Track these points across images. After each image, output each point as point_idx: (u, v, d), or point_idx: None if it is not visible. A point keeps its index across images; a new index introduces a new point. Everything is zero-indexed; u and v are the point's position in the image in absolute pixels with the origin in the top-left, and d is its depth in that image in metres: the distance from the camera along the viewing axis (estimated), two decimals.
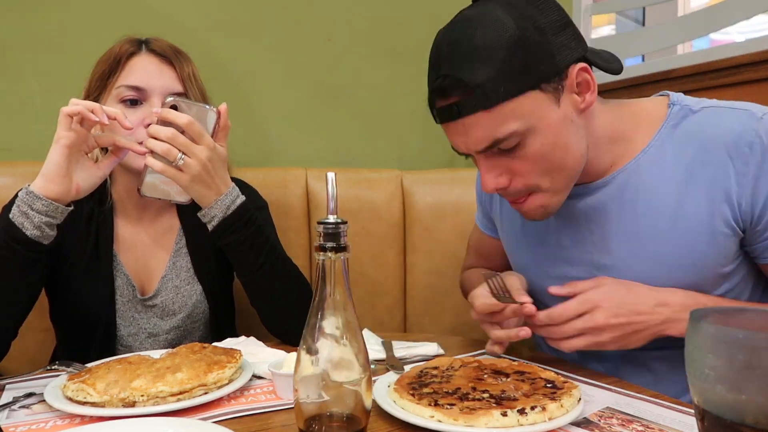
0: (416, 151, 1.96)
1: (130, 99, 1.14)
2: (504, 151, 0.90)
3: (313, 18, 1.79)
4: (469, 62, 0.85)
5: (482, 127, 0.88)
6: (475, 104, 0.86)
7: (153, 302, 1.21)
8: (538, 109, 0.87)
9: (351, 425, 0.63)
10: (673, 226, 0.94)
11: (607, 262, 1.01)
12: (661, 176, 0.96)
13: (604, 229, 1.01)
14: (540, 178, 0.92)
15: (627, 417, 0.78)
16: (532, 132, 0.88)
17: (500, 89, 0.85)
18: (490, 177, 0.93)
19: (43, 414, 0.81)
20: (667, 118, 0.98)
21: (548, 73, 0.87)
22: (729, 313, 0.54)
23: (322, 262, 0.64)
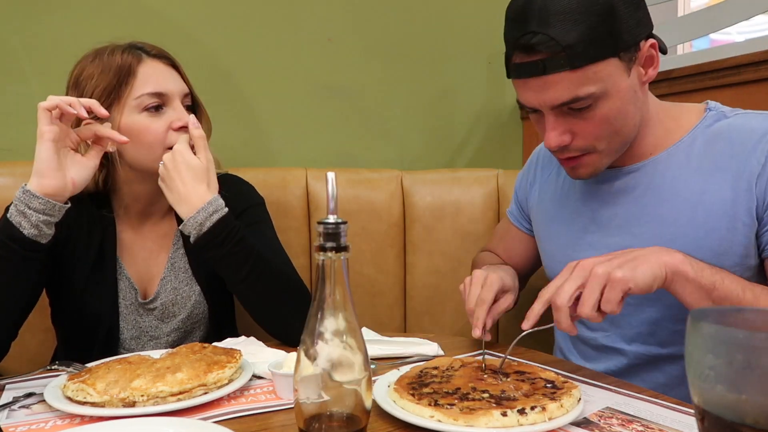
0: (416, 152, 1.96)
1: (155, 105, 1.14)
2: (573, 110, 0.96)
3: (313, 18, 1.79)
4: (562, 22, 0.90)
5: (564, 85, 0.93)
6: (563, 63, 0.91)
7: (153, 305, 1.21)
8: (614, 75, 0.94)
9: (351, 425, 0.63)
10: (695, 210, 0.99)
11: (628, 244, 1.00)
12: (689, 165, 1.02)
13: (629, 212, 1.07)
14: (599, 140, 0.99)
15: (627, 417, 0.78)
16: (605, 96, 0.95)
17: (589, 52, 0.91)
18: (556, 134, 0.99)
19: (43, 414, 0.81)
20: (703, 119, 1.05)
21: (628, 43, 0.94)
22: (729, 313, 0.54)
23: (322, 262, 0.64)
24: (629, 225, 1.07)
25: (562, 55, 0.91)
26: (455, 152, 2.01)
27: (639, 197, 1.06)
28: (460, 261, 1.65)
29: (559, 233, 1.19)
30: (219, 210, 1.09)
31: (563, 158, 1.04)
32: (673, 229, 1.01)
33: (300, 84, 1.79)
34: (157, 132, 1.13)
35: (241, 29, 1.72)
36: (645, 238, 1.03)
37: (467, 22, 1.97)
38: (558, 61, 0.91)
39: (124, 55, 1.14)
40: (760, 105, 1.40)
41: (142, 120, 1.13)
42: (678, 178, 1.03)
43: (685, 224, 1.00)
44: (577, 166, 1.04)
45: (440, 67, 1.94)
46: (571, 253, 1.13)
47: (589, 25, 0.90)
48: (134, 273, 1.22)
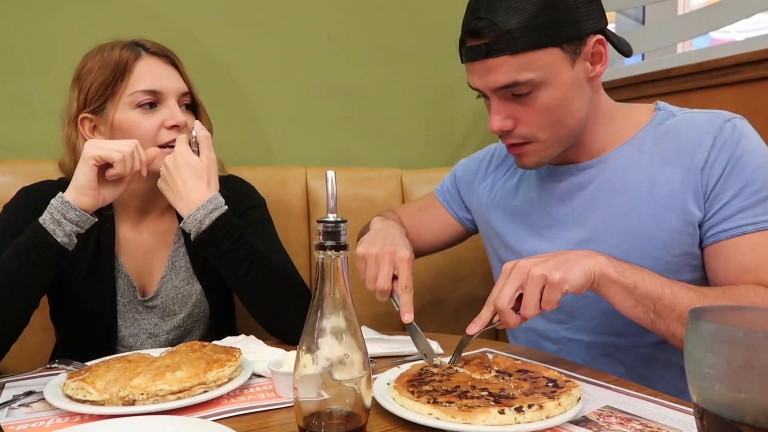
0: (416, 150, 1.96)
1: (148, 103, 1.14)
2: (516, 96, 1.01)
3: (313, 16, 1.79)
4: (507, 9, 0.96)
5: (504, 69, 0.98)
6: (503, 47, 0.96)
7: (153, 303, 1.21)
8: (555, 65, 0.98)
9: (351, 423, 0.63)
10: (646, 203, 1.04)
11: (583, 236, 1.10)
12: (640, 160, 1.07)
13: (584, 206, 1.11)
14: (540, 129, 1.03)
15: (626, 416, 0.78)
16: (545, 84, 0.99)
17: (528, 39, 0.96)
18: (499, 118, 1.03)
19: (42, 412, 0.82)
20: (653, 119, 1.10)
21: (570, 35, 0.98)
22: (728, 312, 0.54)
23: (322, 261, 0.64)
24: (584, 219, 1.10)
25: (502, 40, 0.96)
26: (455, 151, 2.01)
27: (593, 191, 1.10)
28: (459, 259, 1.65)
29: (518, 229, 1.21)
30: (218, 207, 1.10)
31: (508, 144, 1.08)
32: (626, 220, 1.05)
33: (300, 82, 1.79)
34: (148, 129, 1.14)
35: (241, 28, 1.72)
36: (600, 230, 1.08)
37: None
38: (499, 46, 0.96)
39: (122, 52, 1.15)
40: (759, 103, 1.40)
41: (135, 117, 1.14)
42: (629, 172, 1.07)
43: (636, 216, 1.04)
44: (522, 154, 1.07)
45: (440, 65, 1.94)
46: (530, 249, 1.17)
47: (532, 12, 0.95)
48: (133, 270, 1.22)
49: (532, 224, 1.18)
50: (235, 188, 1.30)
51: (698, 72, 1.54)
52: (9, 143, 1.51)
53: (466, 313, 1.66)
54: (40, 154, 1.52)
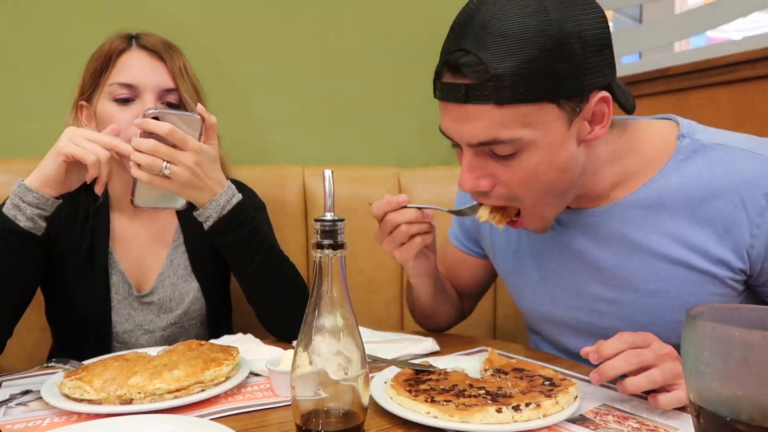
0: (413, 149, 1.95)
1: (123, 98, 1.14)
2: (495, 154, 0.83)
3: (311, 15, 1.79)
4: (496, 46, 0.76)
5: (486, 121, 0.80)
6: (488, 94, 0.77)
7: (150, 299, 1.21)
8: (548, 124, 0.80)
9: (348, 421, 0.63)
10: (674, 266, 0.90)
11: (605, 295, 0.96)
12: (663, 214, 0.90)
13: (601, 261, 0.96)
14: (524, 195, 0.87)
15: (623, 414, 0.78)
16: (534, 146, 0.81)
17: (519, 89, 0.77)
18: (471, 177, 0.87)
19: (39, 411, 0.81)
20: (676, 152, 0.90)
21: (572, 90, 0.79)
22: (724, 311, 0.55)
23: (319, 260, 0.64)
24: (606, 276, 0.96)
25: (488, 85, 0.77)
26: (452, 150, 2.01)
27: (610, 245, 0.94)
28: None
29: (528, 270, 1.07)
30: (236, 194, 1.10)
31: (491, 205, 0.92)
32: (653, 285, 0.91)
33: (297, 81, 1.79)
34: (120, 124, 1.13)
35: (239, 26, 1.71)
36: (626, 291, 0.94)
37: None
38: (483, 91, 0.78)
39: (114, 42, 1.17)
40: (756, 102, 1.41)
41: (111, 108, 1.14)
42: (653, 228, 0.91)
43: (667, 282, 0.90)
44: (519, 220, 0.92)
45: None
46: (543, 293, 1.05)
47: (529, 58, 0.76)
48: (128, 265, 1.22)
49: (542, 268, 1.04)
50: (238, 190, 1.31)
51: (695, 71, 1.54)
52: (6, 142, 1.51)
53: None
54: (38, 153, 1.50)
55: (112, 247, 1.21)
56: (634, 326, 0.87)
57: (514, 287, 1.14)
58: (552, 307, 1.04)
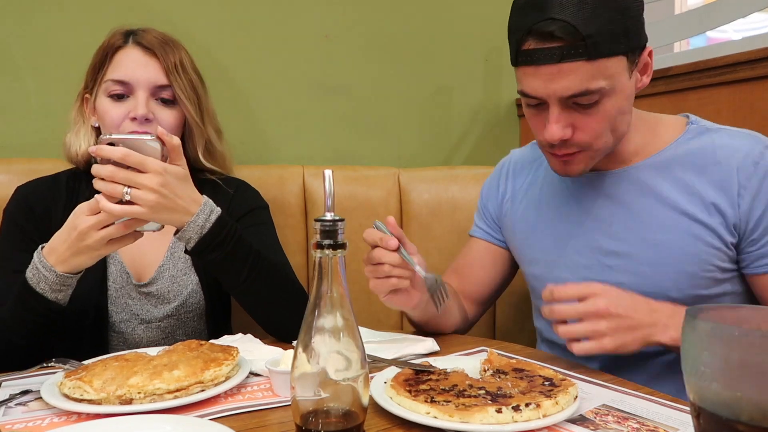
0: (413, 149, 1.96)
1: (117, 94, 1.17)
2: (578, 105, 0.97)
3: (310, 15, 1.79)
4: (582, 11, 0.90)
5: (578, 76, 0.93)
6: (581, 52, 0.91)
7: (148, 289, 1.22)
8: (621, 74, 0.96)
9: (348, 421, 0.63)
10: (680, 218, 1.03)
11: (615, 248, 1.08)
12: (672, 175, 1.05)
13: (614, 217, 1.08)
14: (597, 138, 1.00)
15: (622, 414, 0.78)
16: (612, 93, 0.96)
17: (606, 45, 0.92)
18: (559, 126, 0.98)
19: (39, 411, 0.81)
20: (686, 131, 1.08)
21: (637, 44, 0.97)
22: (724, 311, 0.55)
23: (320, 260, 0.64)
24: (615, 229, 1.08)
25: (581, 44, 0.91)
26: (452, 149, 2.01)
27: (621, 202, 1.09)
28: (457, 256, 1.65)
29: (543, 237, 1.18)
30: (214, 210, 1.06)
31: (559, 153, 1.03)
32: (659, 235, 1.04)
33: (297, 81, 1.79)
34: (113, 118, 1.17)
35: (239, 26, 1.71)
36: (631, 243, 1.06)
37: (464, 19, 1.97)
38: (576, 50, 0.91)
39: (114, 38, 1.20)
40: (755, 103, 1.41)
41: (106, 104, 1.18)
42: (662, 186, 1.05)
43: (670, 230, 1.03)
44: (571, 161, 1.03)
45: (437, 64, 1.94)
46: (555, 258, 1.15)
47: (609, 18, 0.91)
48: (128, 255, 1.23)
49: (557, 233, 1.16)
50: (241, 188, 1.33)
51: (695, 71, 1.54)
52: (5, 142, 1.51)
53: None
54: (37, 152, 1.52)
55: None
56: (639, 278, 1.04)
57: (527, 256, 1.23)
58: (563, 269, 1.14)
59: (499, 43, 2.08)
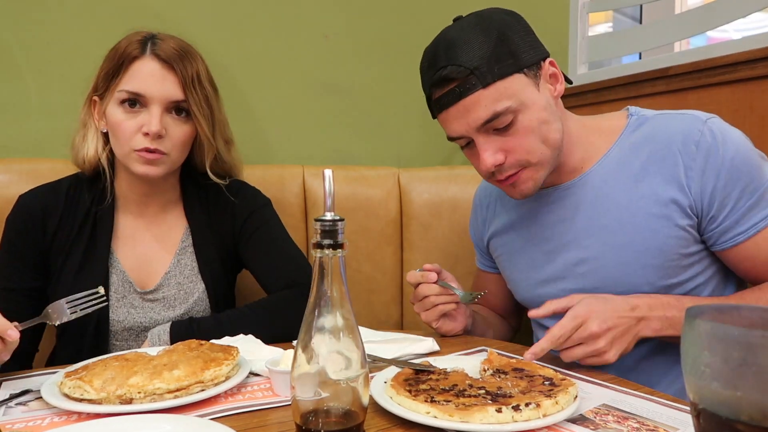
0: (413, 149, 1.95)
1: (130, 104, 1.15)
2: (499, 130, 1.02)
3: (309, 14, 1.79)
4: (465, 51, 1.00)
5: (482, 104, 1.00)
6: (474, 83, 1.00)
7: (154, 296, 1.22)
8: (525, 89, 1.02)
9: (348, 421, 0.63)
10: (635, 214, 1.06)
11: (583, 256, 1.12)
12: (621, 174, 1.09)
13: (576, 226, 1.13)
14: (530, 153, 1.04)
15: (623, 414, 0.78)
16: (523, 108, 1.02)
17: (494, 69, 0.99)
18: (489, 153, 1.04)
19: (39, 411, 0.81)
20: (626, 127, 1.12)
21: (528, 61, 1.03)
22: (724, 311, 0.55)
23: (320, 260, 0.64)
24: (579, 239, 1.12)
25: (471, 78, 0.99)
26: (452, 149, 2.01)
27: (581, 211, 1.12)
28: (457, 258, 1.65)
29: (520, 260, 1.23)
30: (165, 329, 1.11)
31: (502, 179, 1.07)
32: (619, 236, 1.07)
33: (297, 81, 1.79)
34: (125, 131, 1.15)
35: (238, 26, 1.71)
36: (597, 249, 1.10)
37: None
38: (470, 83, 1.00)
39: (130, 45, 1.16)
40: (755, 102, 1.41)
41: (119, 114, 1.15)
42: (614, 187, 1.09)
43: (629, 230, 1.06)
44: (517, 182, 1.07)
45: None
46: (534, 276, 1.20)
47: (489, 48, 1.00)
48: (131, 263, 1.22)
49: (531, 255, 1.20)
50: (239, 194, 1.32)
51: (695, 71, 1.54)
52: (6, 142, 1.51)
53: None
54: (37, 152, 1.51)
55: (113, 247, 1.21)
56: (610, 281, 1.08)
57: (513, 281, 1.28)
58: (544, 286, 1.18)
59: None
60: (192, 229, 1.28)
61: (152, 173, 1.16)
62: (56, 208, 1.19)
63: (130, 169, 1.17)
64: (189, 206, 1.29)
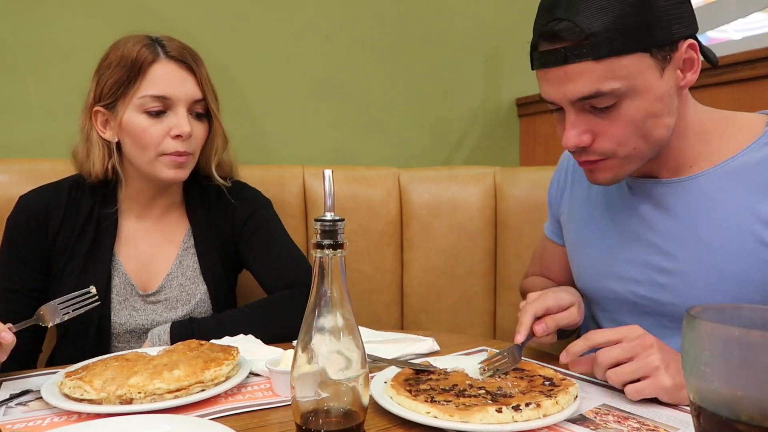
0: (413, 149, 1.96)
1: (156, 111, 1.13)
2: (596, 109, 0.89)
3: (310, 15, 1.79)
4: (589, 9, 0.84)
5: (586, 77, 0.86)
6: (585, 52, 0.85)
7: (156, 298, 1.22)
8: (643, 73, 0.87)
9: (348, 421, 0.63)
10: (745, 238, 0.91)
11: (668, 266, 0.98)
12: (741, 187, 0.93)
13: (669, 231, 0.98)
14: (622, 145, 0.91)
15: (623, 414, 0.78)
16: (632, 94, 0.88)
17: (615, 43, 0.84)
18: (574, 133, 0.91)
19: (40, 411, 0.81)
20: (762, 136, 0.94)
21: (662, 39, 0.86)
22: (725, 311, 0.55)
23: (320, 260, 0.64)
24: (668, 246, 0.98)
25: (585, 44, 0.84)
26: (452, 150, 2.01)
27: (682, 215, 0.97)
28: (457, 258, 1.65)
29: (592, 243, 1.11)
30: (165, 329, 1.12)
31: (581, 161, 0.97)
32: (719, 258, 0.93)
33: (297, 81, 1.79)
34: (153, 136, 1.14)
35: (239, 26, 1.71)
36: (687, 262, 0.96)
37: (464, 20, 1.97)
38: (581, 50, 0.85)
39: (141, 50, 1.14)
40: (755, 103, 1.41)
41: (142, 121, 1.13)
42: (728, 200, 0.93)
43: (732, 254, 0.92)
44: (595, 169, 0.96)
45: (437, 64, 1.94)
46: (605, 268, 1.07)
47: (619, 14, 0.83)
48: (133, 265, 1.22)
49: (609, 243, 1.07)
50: (240, 196, 1.32)
51: None
52: (6, 142, 1.51)
53: (464, 311, 1.66)
54: (37, 152, 1.52)
55: (116, 250, 1.21)
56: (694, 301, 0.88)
57: (578, 263, 1.16)
58: (612, 281, 1.06)
59: (499, 44, 2.08)
60: (194, 231, 1.28)
61: (181, 176, 1.17)
62: (58, 209, 1.19)
63: (155, 175, 1.16)
64: (191, 208, 1.29)
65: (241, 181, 1.37)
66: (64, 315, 0.98)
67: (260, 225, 1.30)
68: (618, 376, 0.81)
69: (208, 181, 1.29)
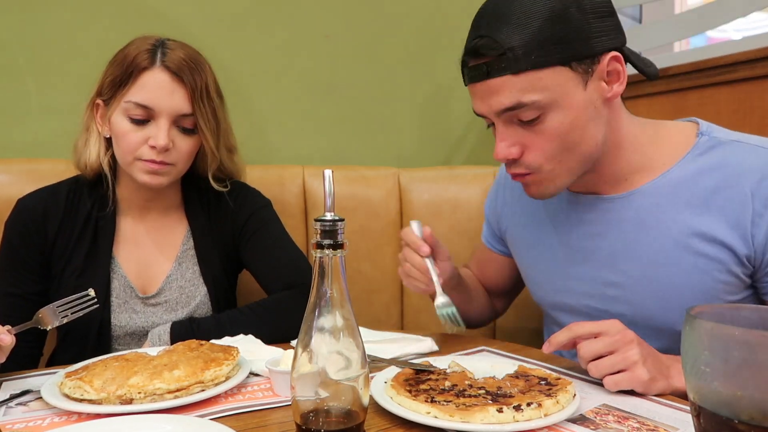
0: (413, 149, 1.95)
1: (137, 119, 1.13)
2: (522, 122, 0.92)
3: (310, 14, 1.79)
4: (506, 25, 0.88)
5: (507, 90, 0.90)
6: (504, 66, 0.88)
7: (156, 300, 1.22)
8: (564, 85, 0.89)
9: (348, 421, 0.63)
10: (684, 250, 0.95)
11: (616, 280, 1.02)
12: (678, 200, 0.96)
13: (615, 246, 1.02)
14: (548, 159, 0.94)
15: (623, 414, 0.78)
16: (554, 107, 0.90)
17: (531, 57, 0.87)
18: (503, 145, 0.95)
19: (40, 411, 0.81)
20: (695, 146, 0.98)
21: (581, 53, 0.89)
22: (725, 311, 0.55)
23: (320, 260, 0.64)
24: (617, 260, 1.02)
25: (504, 59, 0.88)
26: (452, 149, 2.01)
27: (626, 231, 1.01)
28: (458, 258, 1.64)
29: (543, 261, 1.14)
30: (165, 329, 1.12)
31: (513, 174, 0.99)
32: (663, 270, 0.97)
33: (297, 81, 1.79)
34: (130, 142, 1.13)
35: (239, 26, 1.71)
36: (634, 275, 1.00)
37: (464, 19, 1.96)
38: (500, 65, 0.89)
39: (140, 55, 1.13)
40: (755, 103, 1.41)
41: (125, 125, 1.14)
42: (667, 214, 0.97)
43: (675, 266, 0.96)
44: (528, 183, 0.99)
45: (437, 63, 1.93)
46: (560, 284, 1.11)
47: (537, 29, 0.87)
48: (132, 267, 1.22)
49: (558, 259, 1.10)
50: (239, 197, 1.32)
51: (695, 71, 1.54)
52: (6, 142, 1.51)
53: None
54: (36, 153, 1.52)
55: (115, 252, 1.21)
56: (643, 312, 0.98)
57: (531, 279, 1.20)
58: (565, 296, 1.10)
59: None
60: (193, 233, 1.28)
61: (156, 183, 1.16)
62: (57, 212, 1.19)
63: (133, 177, 1.16)
64: (190, 210, 1.29)
65: (240, 181, 1.37)
66: (63, 318, 0.98)
67: (260, 225, 1.30)
68: (599, 369, 0.84)
69: (208, 183, 1.29)
